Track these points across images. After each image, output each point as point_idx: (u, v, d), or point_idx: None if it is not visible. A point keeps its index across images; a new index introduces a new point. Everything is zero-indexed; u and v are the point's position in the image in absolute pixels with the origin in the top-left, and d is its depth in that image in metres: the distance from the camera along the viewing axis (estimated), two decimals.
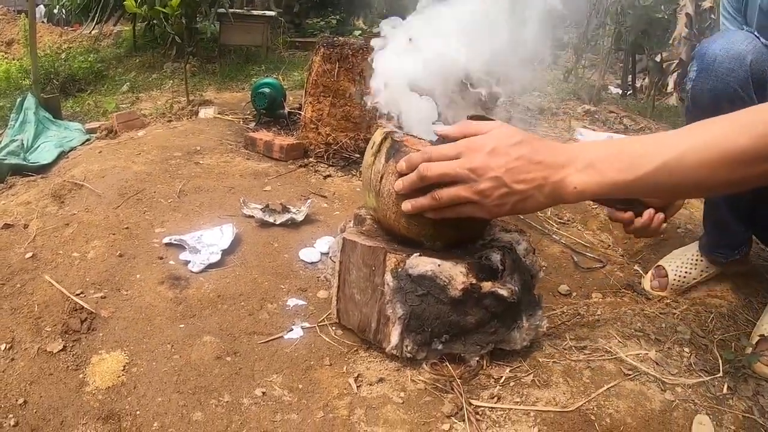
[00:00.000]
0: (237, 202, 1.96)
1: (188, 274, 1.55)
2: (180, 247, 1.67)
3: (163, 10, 3.45)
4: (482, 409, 1.08)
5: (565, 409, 1.07)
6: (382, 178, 1.11)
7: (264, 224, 1.82)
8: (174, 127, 3.10)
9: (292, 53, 6.23)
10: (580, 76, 4.28)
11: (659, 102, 4.17)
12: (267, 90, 3.13)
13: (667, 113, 4.16)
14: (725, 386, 1.19)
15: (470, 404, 1.08)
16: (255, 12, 5.59)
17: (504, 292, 1.00)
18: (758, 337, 1.34)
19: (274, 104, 3.17)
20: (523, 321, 1.11)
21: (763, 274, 1.73)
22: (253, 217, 1.84)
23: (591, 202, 2.13)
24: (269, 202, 1.94)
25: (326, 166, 2.56)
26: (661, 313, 1.46)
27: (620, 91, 4.88)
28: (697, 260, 1.67)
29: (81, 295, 1.46)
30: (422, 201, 1.03)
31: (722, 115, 0.86)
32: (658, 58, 4.03)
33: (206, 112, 3.44)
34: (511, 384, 1.13)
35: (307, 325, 1.36)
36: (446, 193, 0.98)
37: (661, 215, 1.15)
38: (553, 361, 1.20)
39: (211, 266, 1.58)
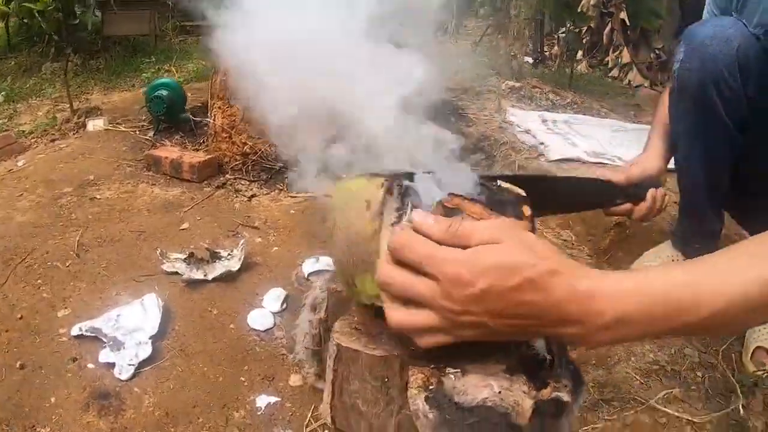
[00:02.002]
0: (152, 253, 1.62)
1: (117, 385, 1.21)
2: (96, 338, 1.33)
3: (34, 6, 2.90)
4: None
5: None
6: None
7: (193, 282, 1.51)
8: (59, 148, 2.64)
9: (184, 39, 5.68)
10: (494, 47, 4.14)
11: (573, 70, 4.13)
12: (164, 92, 2.66)
13: (583, 82, 4.17)
14: (740, 406, 1.18)
15: None
16: None
17: (566, 397, 0.79)
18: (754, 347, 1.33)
19: (173, 108, 2.75)
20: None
21: None
22: (177, 273, 1.52)
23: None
24: (193, 248, 1.63)
25: (247, 182, 2.25)
26: None
27: (531, 60, 4.83)
28: (672, 261, 1.58)
29: None
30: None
31: None
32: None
33: (95, 124, 2.98)
34: None
35: None
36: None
37: (661, 190, 1.20)
38: (593, 427, 1.05)
39: (143, 363, 1.25)
